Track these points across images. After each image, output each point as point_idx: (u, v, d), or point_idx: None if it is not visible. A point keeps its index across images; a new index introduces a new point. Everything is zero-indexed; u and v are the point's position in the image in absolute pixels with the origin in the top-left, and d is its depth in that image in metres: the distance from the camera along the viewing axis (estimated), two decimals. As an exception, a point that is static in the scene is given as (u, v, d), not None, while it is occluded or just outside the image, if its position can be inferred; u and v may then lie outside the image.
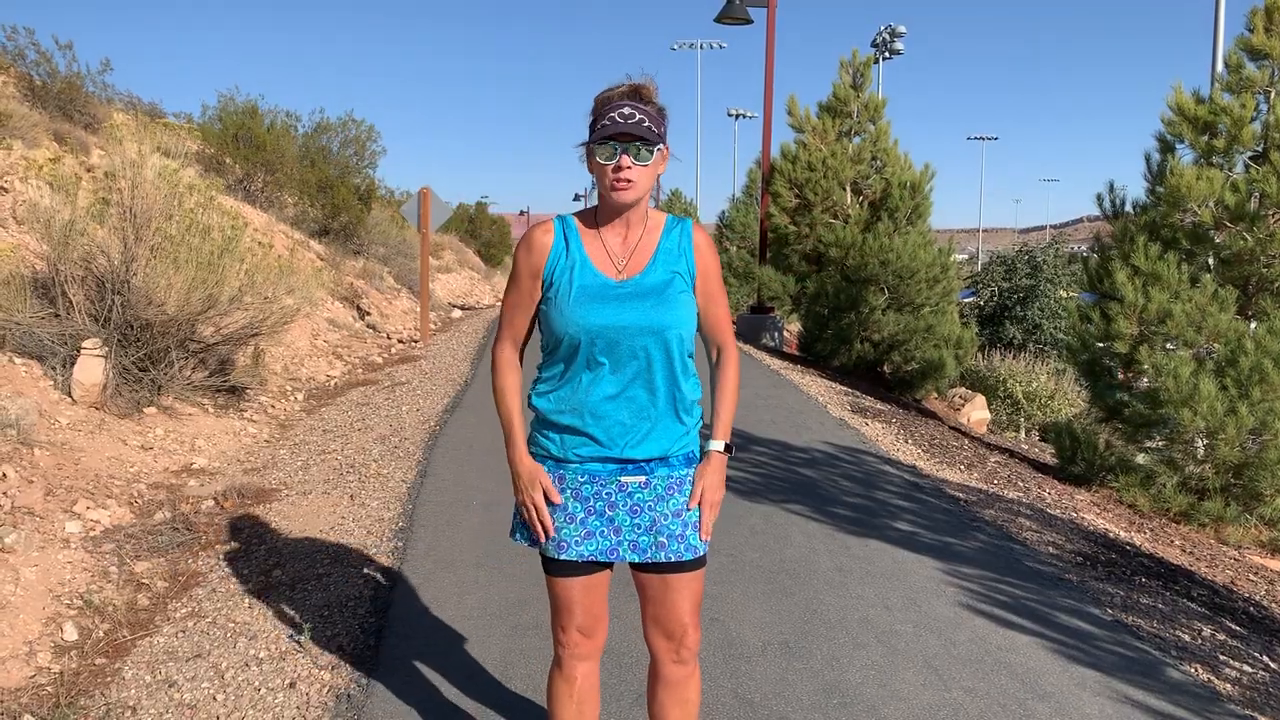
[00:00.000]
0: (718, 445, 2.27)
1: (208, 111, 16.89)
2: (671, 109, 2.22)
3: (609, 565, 2.27)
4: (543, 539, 2.22)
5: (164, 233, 6.76)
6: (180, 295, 6.68)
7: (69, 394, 6.05)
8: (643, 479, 2.20)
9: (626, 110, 2.08)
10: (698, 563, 2.24)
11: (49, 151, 9.58)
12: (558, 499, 2.20)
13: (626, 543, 2.20)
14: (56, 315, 6.37)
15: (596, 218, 2.23)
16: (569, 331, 2.14)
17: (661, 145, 2.12)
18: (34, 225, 6.71)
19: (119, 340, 6.47)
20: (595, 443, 2.18)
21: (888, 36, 34.36)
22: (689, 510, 2.22)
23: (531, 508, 2.20)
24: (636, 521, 2.19)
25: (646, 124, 2.08)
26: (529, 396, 2.28)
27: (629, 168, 2.09)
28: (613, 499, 2.20)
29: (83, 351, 6.15)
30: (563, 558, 2.21)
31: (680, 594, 2.24)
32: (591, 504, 2.20)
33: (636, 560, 2.21)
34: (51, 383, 6.05)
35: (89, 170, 10.13)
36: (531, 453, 2.25)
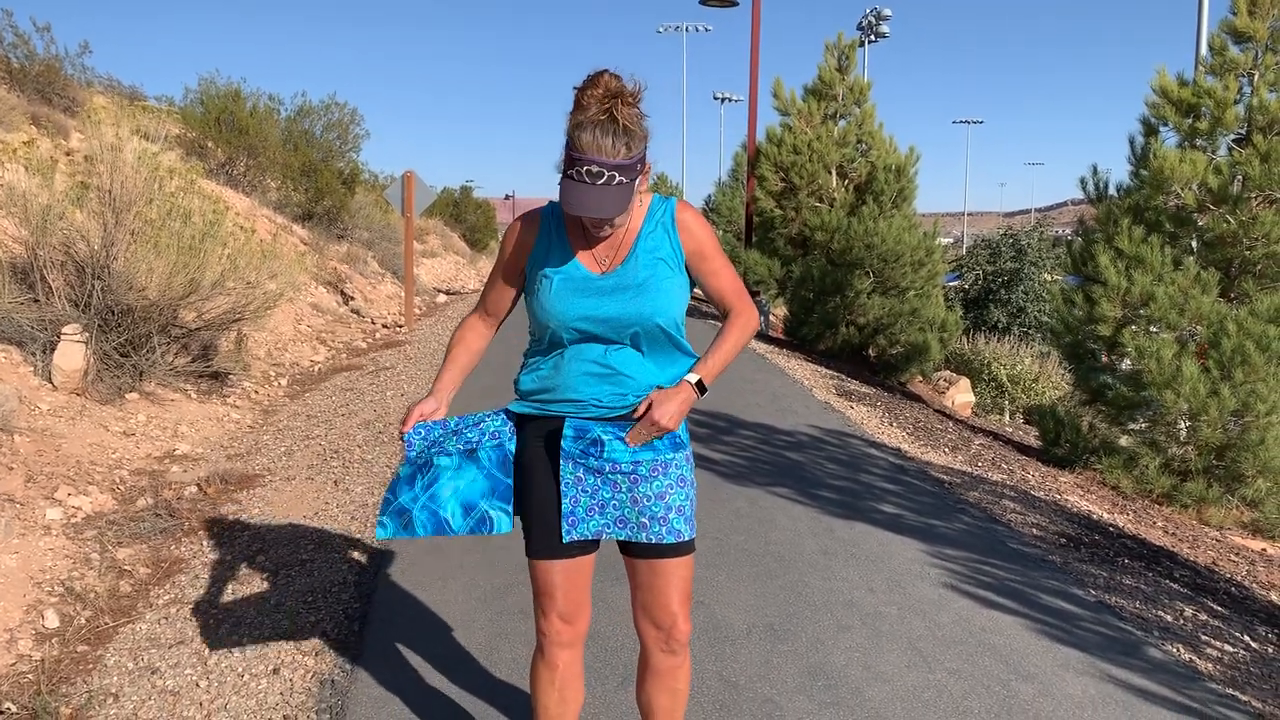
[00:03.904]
0: (691, 376, 2.16)
1: (189, 95, 16.74)
2: (657, 92, 2.14)
3: (592, 550, 2.26)
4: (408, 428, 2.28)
5: (144, 217, 6.69)
6: (162, 280, 6.62)
7: (49, 380, 5.99)
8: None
9: (595, 169, 1.95)
10: (682, 548, 2.22)
11: (25, 135, 9.46)
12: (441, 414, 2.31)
13: (612, 520, 2.19)
14: (36, 301, 6.31)
15: None
16: (551, 324, 2.16)
17: (641, 175, 2.06)
18: (11, 209, 6.63)
19: (100, 326, 6.41)
20: (572, 404, 2.18)
21: (873, 19, 34.24)
22: (673, 492, 2.20)
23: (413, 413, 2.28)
24: (618, 498, 2.18)
25: (619, 180, 1.98)
26: (515, 380, 2.27)
27: (608, 223, 2.08)
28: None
29: (63, 337, 6.09)
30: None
31: (668, 581, 2.23)
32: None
33: (621, 537, 2.20)
34: (31, 369, 5.99)
35: (68, 154, 10.02)
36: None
